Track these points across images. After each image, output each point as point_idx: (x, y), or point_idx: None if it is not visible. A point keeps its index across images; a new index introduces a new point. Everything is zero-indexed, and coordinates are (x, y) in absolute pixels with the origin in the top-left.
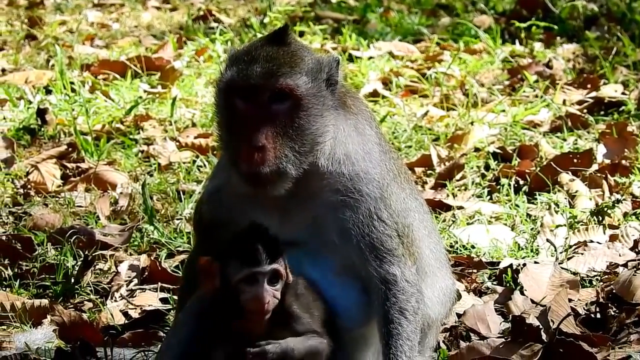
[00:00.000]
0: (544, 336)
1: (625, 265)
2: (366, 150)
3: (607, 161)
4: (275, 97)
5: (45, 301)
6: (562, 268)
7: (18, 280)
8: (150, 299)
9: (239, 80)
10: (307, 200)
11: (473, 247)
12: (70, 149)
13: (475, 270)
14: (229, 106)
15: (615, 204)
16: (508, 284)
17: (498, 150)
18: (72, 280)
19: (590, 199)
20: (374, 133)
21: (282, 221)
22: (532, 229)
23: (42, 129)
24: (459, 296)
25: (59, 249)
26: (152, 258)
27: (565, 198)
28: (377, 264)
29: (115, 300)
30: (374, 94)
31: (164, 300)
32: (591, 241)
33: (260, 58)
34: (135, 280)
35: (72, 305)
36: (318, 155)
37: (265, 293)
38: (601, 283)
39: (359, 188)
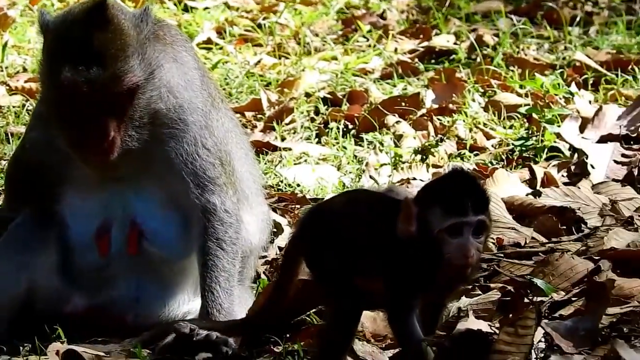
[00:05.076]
0: None
1: None
2: (187, 79)
3: (435, 106)
4: (115, 95)
5: None
6: None
7: None
8: None
9: (72, 88)
10: None
11: (298, 185)
12: None
13: (298, 206)
14: (65, 103)
15: (439, 143)
16: None
17: (328, 96)
18: None
19: (415, 138)
20: (191, 58)
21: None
22: (357, 168)
23: None
24: (282, 230)
25: None
26: None
27: (391, 138)
28: (198, 192)
29: None
30: (208, 42)
31: None
32: (414, 179)
33: (90, 54)
34: None
35: None
36: None
37: (470, 245)
38: None
39: (184, 118)
